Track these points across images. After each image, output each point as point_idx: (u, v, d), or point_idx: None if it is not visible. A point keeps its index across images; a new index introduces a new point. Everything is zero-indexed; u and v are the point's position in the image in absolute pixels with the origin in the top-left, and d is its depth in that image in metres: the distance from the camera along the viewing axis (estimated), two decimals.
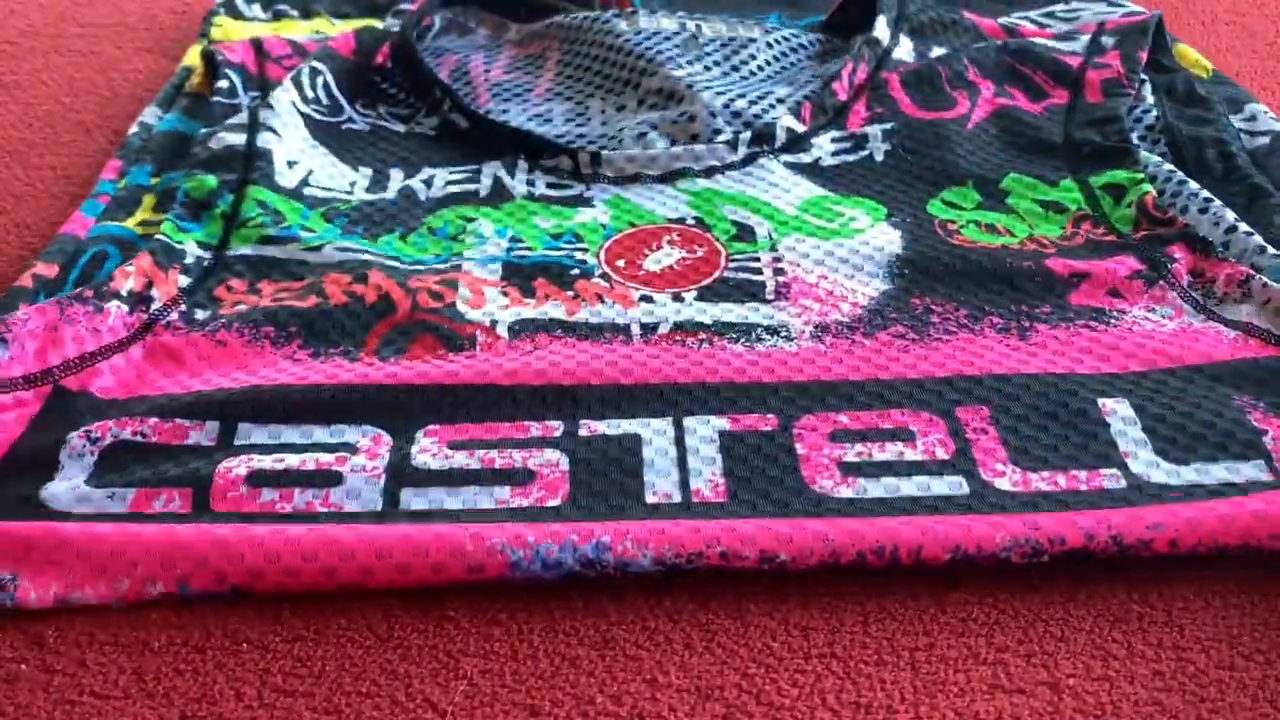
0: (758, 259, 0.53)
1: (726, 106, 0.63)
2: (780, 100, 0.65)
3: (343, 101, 0.64)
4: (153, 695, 0.35)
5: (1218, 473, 0.41)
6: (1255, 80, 0.75)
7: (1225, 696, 0.35)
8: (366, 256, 0.52)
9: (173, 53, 0.78)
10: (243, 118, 0.59)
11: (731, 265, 0.52)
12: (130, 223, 0.55)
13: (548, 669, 0.36)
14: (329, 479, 0.40)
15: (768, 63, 0.69)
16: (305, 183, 0.58)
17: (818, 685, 0.36)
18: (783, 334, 0.48)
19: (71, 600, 0.37)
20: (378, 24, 0.78)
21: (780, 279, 0.51)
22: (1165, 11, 0.87)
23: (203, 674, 0.36)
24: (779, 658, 0.37)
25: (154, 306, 0.48)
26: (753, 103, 0.64)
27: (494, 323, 0.48)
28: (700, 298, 0.50)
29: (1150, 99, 0.63)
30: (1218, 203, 0.53)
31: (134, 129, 0.63)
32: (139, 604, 0.37)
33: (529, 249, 0.54)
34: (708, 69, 0.67)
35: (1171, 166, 0.56)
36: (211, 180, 0.55)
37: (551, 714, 0.35)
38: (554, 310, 0.49)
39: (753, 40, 0.70)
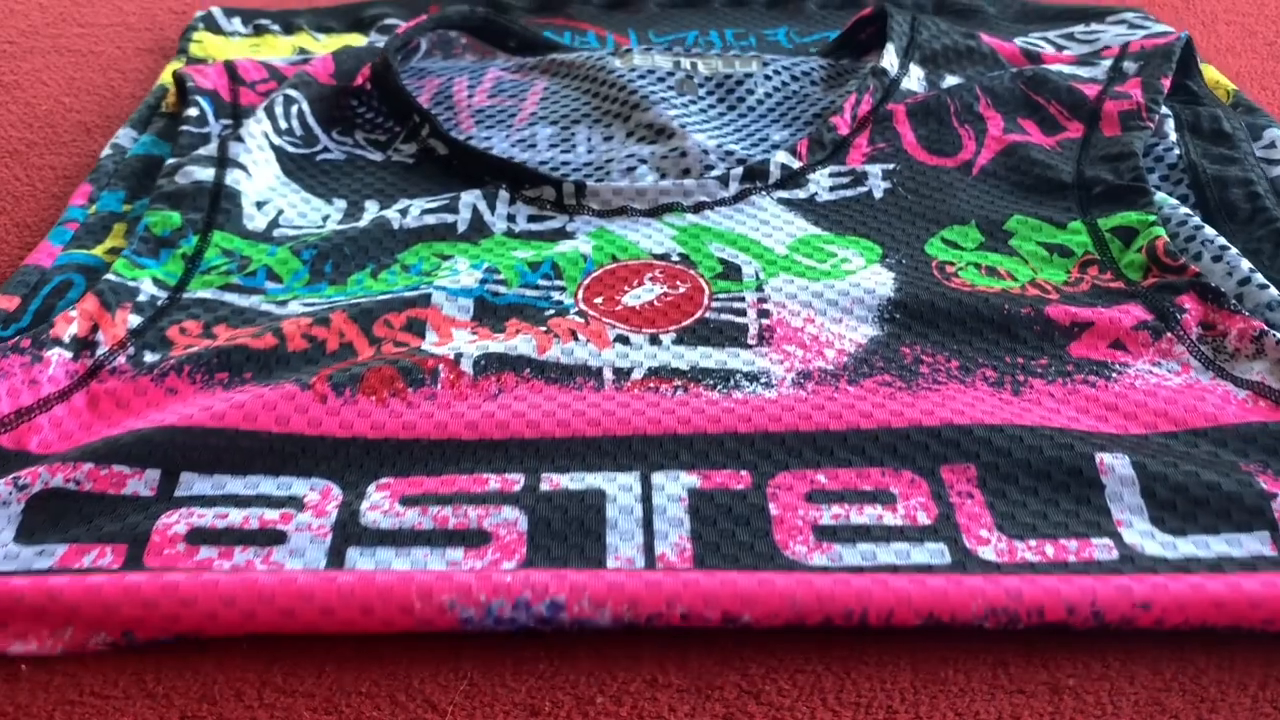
0: (742, 299, 0.50)
1: (720, 145, 0.60)
2: (775, 146, 0.63)
3: (318, 131, 0.62)
4: (153, 695, 0.35)
5: (1217, 546, 0.38)
6: (1255, 80, 0.73)
7: (1225, 696, 0.35)
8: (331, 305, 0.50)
9: (172, 53, 0.77)
10: (212, 149, 0.57)
11: (715, 305, 0.50)
12: (98, 250, 0.54)
13: (547, 669, 0.36)
14: (272, 537, 0.38)
15: (767, 95, 0.67)
16: (275, 223, 0.55)
17: (818, 685, 0.36)
18: (762, 381, 0.46)
19: (11, 652, 0.35)
20: (362, 39, 0.76)
21: (764, 321, 0.49)
22: (1165, 12, 0.84)
23: (203, 674, 0.36)
24: (779, 658, 0.37)
25: (99, 351, 0.46)
26: (748, 150, 0.62)
27: (459, 356, 0.46)
28: (678, 340, 0.48)
29: (1173, 136, 0.59)
30: (1233, 251, 0.50)
31: (106, 151, 0.62)
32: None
33: (504, 283, 0.51)
34: (703, 111, 0.65)
35: (1187, 210, 0.53)
36: (176, 217, 0.53)
37: (552, 714, 0.35)
38: (524, 346, 0.47)
39: (750, 75, 0.68)
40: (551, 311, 0.49)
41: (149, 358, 0.46)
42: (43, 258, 0.53)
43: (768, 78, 0.68)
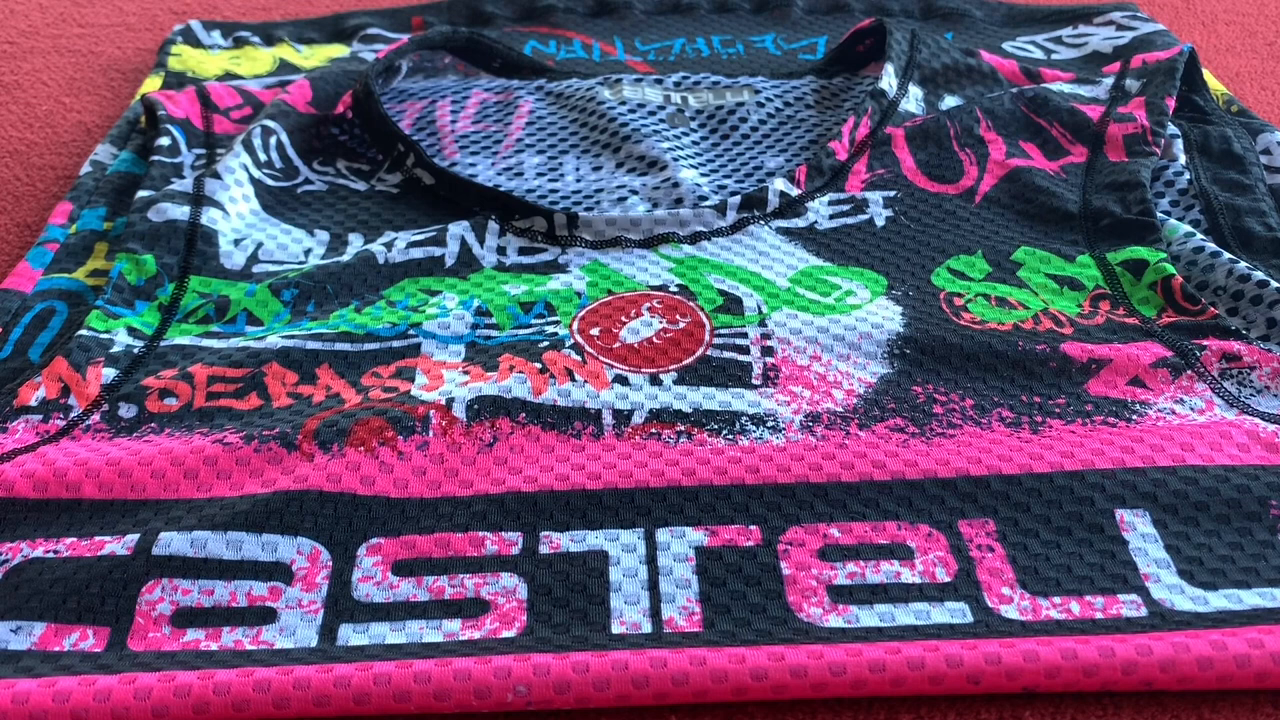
0: (745, 335, 0.48)
1: (712, 183, 0.58)
2: (771, 174, 0.61)
3: (298, 163, 0.60)
4: None
5: (1250, 599, 0.36)
6: (1255, 80, 0.73)
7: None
8: (315, 346, 0.47)
9: None
10: (187, 185, 0.54)
11: (716, 341, 0.48)
12: (80, 273, 0.52)
13: None
14: (261, 615, 0.36)
15: (761, 122, 0.65)
16: (254, 258, 0.53)
17: None
18: (769, 424, 0.43)
19: None
20: (344, 49, 0.74)
21: (769, 360, 0.47)
22: (1164, 12, 0.84)
23: None
24: None
25: (73, 414, 0.44)
26: (740, 181, 0.60)
27: (450, 401, 0.43)
28: (680, 380, 0.46)
29: (1182, 159, 0.58)
30: (1247, 299, 0.48)
31: (86, 168, 0.60)
32: None
33: (496, 327, 0.49)
34: (695, 144, 0.63)
35: (1199, 243, 0.51)
36: (151, 263, 0.51)
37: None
38: (518, 387, 0.44)
39: (741, 104, 0.66)
40: (546, 344, 0.47)
41: (125, 413, 0.44)
42: (23, 282, 0.51)
43: (760, 104, 0.66)
